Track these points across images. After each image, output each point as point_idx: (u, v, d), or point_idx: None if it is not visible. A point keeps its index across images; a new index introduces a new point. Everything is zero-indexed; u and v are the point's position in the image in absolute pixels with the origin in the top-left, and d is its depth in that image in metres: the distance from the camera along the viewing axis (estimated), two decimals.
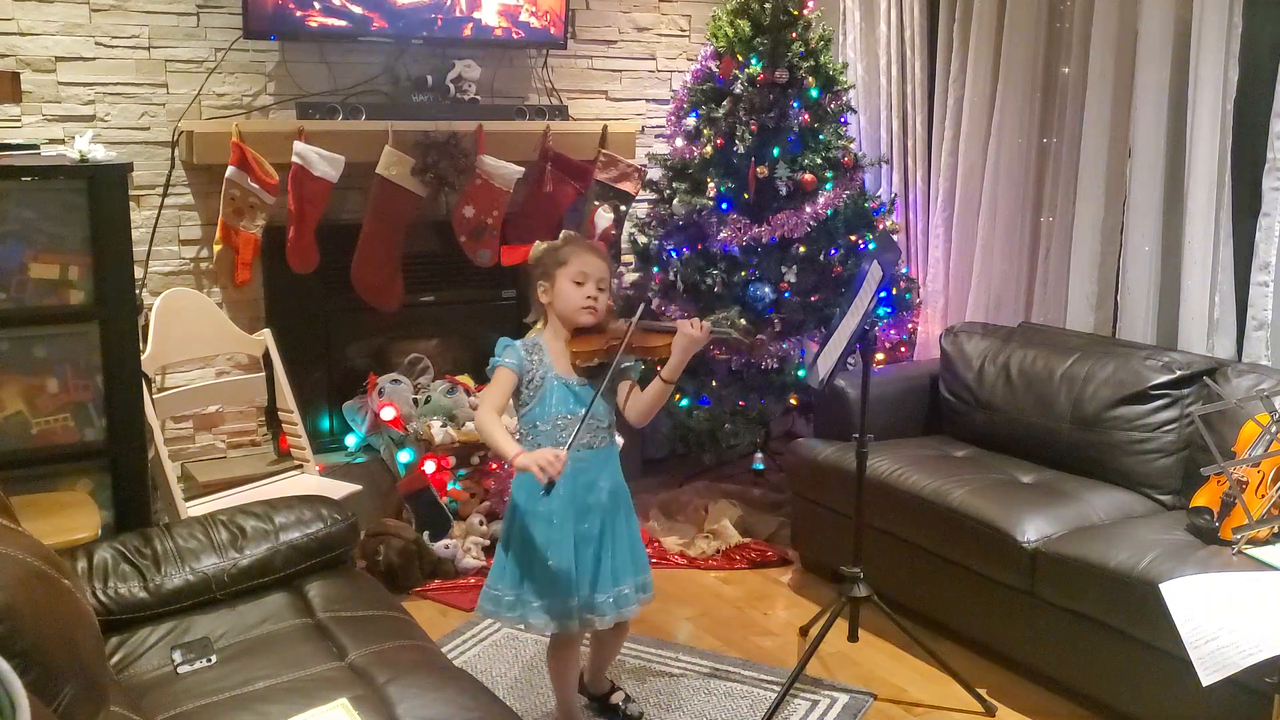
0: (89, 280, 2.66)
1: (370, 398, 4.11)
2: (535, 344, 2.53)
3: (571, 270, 2.49)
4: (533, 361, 2.50)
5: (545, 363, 2.50)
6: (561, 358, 2.51)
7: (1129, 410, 3.22)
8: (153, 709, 1.93)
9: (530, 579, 2.50)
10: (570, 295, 2.50)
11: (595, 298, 2.50)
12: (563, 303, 2.51)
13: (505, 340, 2.55)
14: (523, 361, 2.50)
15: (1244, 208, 3.38)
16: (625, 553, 2.56)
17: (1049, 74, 3.97)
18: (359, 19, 4.05)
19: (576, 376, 2.51)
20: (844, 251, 4.09)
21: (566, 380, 2.50)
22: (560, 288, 2.51)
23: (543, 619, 2.50)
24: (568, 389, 2.49)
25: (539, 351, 2.52)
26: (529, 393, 2.50)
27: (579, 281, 2.49)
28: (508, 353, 2.51)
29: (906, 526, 3.26)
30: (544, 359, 2.51)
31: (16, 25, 3.64)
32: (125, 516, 2.76)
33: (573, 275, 2.49)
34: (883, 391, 3.53)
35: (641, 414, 2.54)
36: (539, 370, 2.50)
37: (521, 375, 2.50)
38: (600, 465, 2.53)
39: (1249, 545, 2.62)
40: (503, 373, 2.50)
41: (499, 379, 2.50)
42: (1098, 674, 2.78)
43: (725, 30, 4.10)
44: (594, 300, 2.50)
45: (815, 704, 2.92)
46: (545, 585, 2.49)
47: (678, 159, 4.21)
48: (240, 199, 3.86)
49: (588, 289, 2.49)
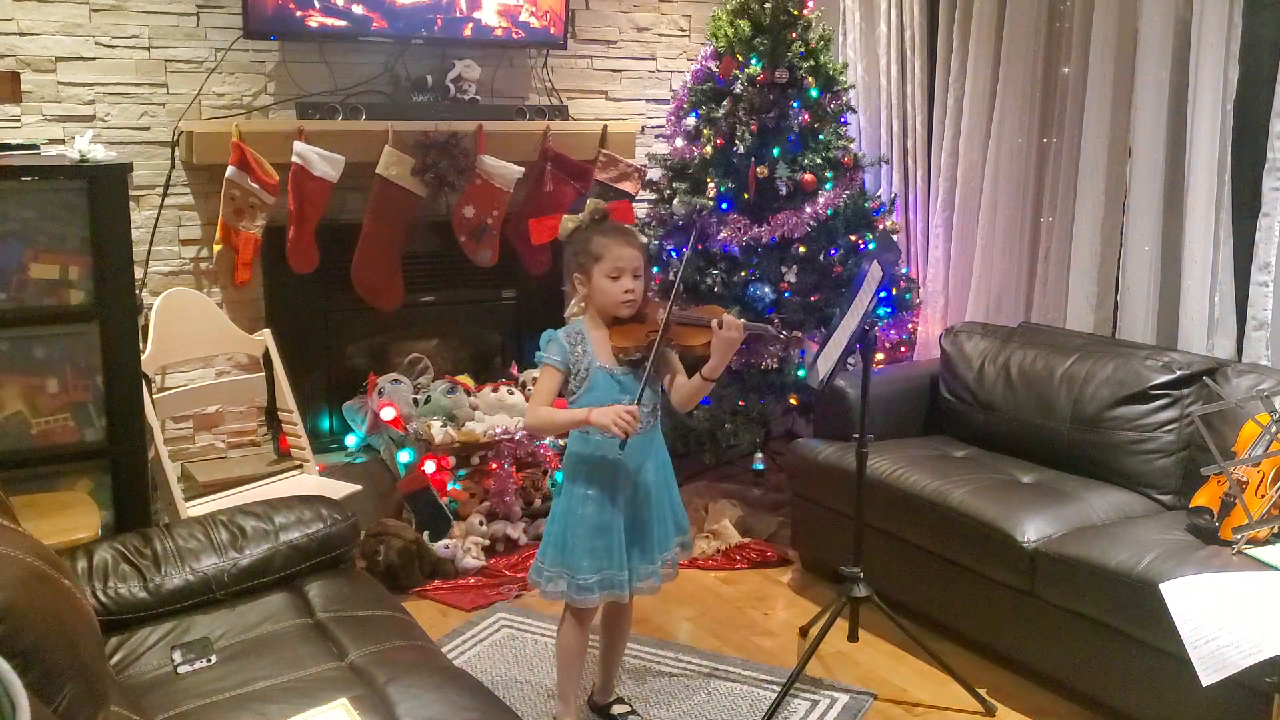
0: (89, 280, 2.66)
1: (370, 398, 4.11)
2: (579, 333, 2.53)
3: (606, 265, 2.46)
4: (577, 353, 2.50)
5: (590, 352, 2.50)
6: (604, 346, 2.51)
7: (1129, 410, 3.22)
8: (153, 709, 1.93)
9: (581, 555, 2.53)
10: (608, 290, 2.47)
11: (633, 289, 2.47)
12: (601, 297, 2.49)
13: (549, 333, 2.54)
14: (567, 355, 2.50)
15: (1244, 208, 3.38)
16: (669, 522, 2.64)
17: (1049, 74, 3.97)
18: (359, 19, 4.05)
19: (619, 365, 2.51)
20: (844, 251, 4.09)
21: (611, 370, 2.50)
22: (597, 283, 2.48)
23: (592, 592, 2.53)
24: (613, 378, 2.50)
25: (583, 342, 2.51)
26: (575, 383, 2.51)
27: (614, 276, 2.46)
28: (552, 348, 2.51)
29: (906, 526, 3.26)
30: (588, 349, 2.51)
31: (16, 25, 3.65)
32: (125, 516, 2.76)
33: (608, 270, 2.47)
34: (883, 391, 3.53)
35: (683, 402, 2.57)
36: (584, 361, 2.50)
37: (568, 368, 2.50)
38: (646, 448, 2.56)
39: (1249, 545, 2.62)
40: (549, 372, 2.51)
41: (546, 378, 2.52)
42: (1098, 674, 2.78)
43: (725, 30, 4.10)
44: (632, 293, 2.47)
45: (815, 704, 2.92)
46: (595, 561, 2.52)
47: (678, 159, 4.21)
48: (240, 199, 3.86)
49: (624, 282, 2.46)
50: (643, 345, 2.47)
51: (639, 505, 2.57)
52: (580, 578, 2.53)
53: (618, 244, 2.48)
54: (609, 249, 2.47)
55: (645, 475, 2.57)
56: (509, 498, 3.87)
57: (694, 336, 2.48)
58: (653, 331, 2.47)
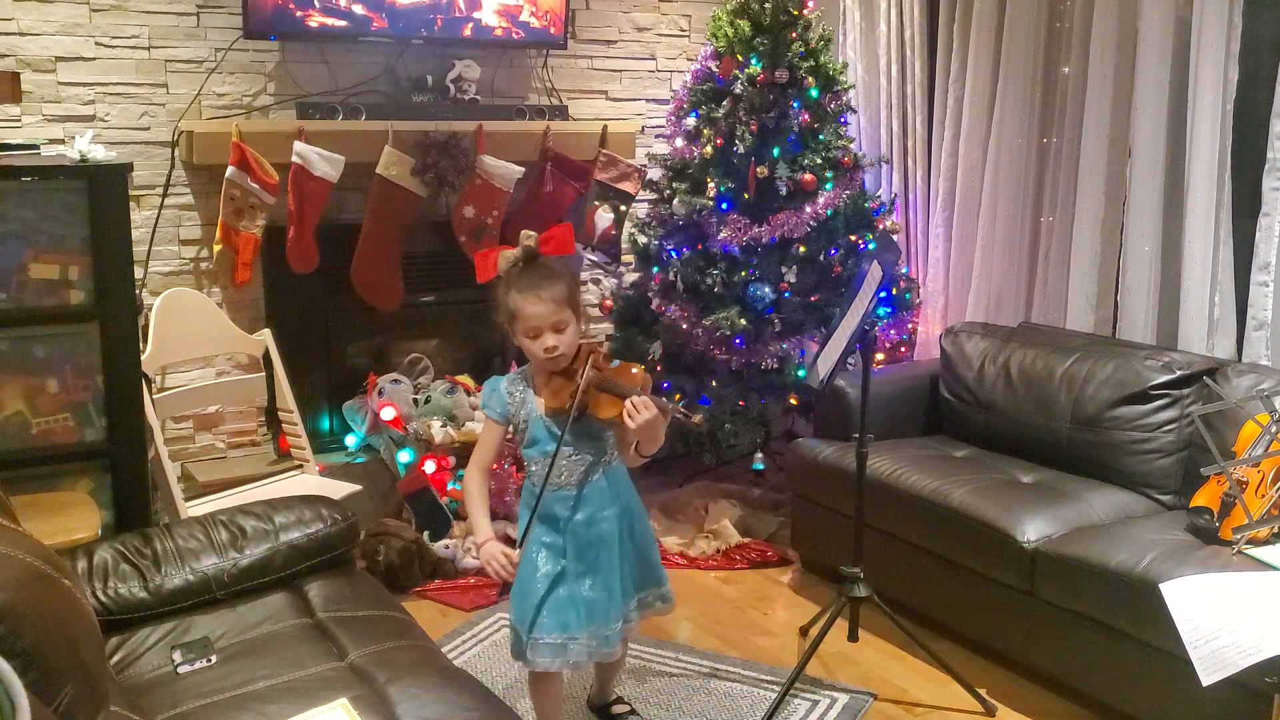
0: (89, 280, 2.66)
1: (370, 398, 4.11)
2: (522, 378, 2.45)
3: (523, 325, 2.33)
4: (515, 402, 2.42)
5: (529, 402, 2.41)
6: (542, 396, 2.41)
7: (1129, 410, 3.22)
8: (153, 709, 1.93)
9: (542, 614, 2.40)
10: (530, 349, 2.36)
11: (554, 345, 2.32)
12: (527, 353, 2.38)
13: (493, 382, 2.47)
14: (507, 408, 2.43)
15: (1244, 208, 3.38)
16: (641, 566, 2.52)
17: (1049, 74, 3.97)
18: (359, 19, 4.05)
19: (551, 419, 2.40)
20: (844, 251, 4.09)
21: (546, 422, 2.40)
22: (519, 340, 2.38)
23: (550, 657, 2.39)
24: (549, 431, 2.40)
25: (524, 390, 2.43)
26: (519, 431, 2.44)
27: (533, 335, 2.33)
28: (493, 400, 2.44)
29: (906, 526, 3.26)
30: (528, 399, 2.42)
31: (16, 25, 3.65)
32: (125, 516, 2.76)
33: (524, 330, 2.34)
34: (883, 391, 3.53)
35: (628, 463, 2.49)
36: (523, 412, 2.42)
37: (508, 422, 2.44)
38: (601, 497, 2.43)
39: (1249, 545, 2.62)
40: (490, 426, 2.46)
41: (487, 433, 2.47)
42: (1098, 674, 2.78)
43: (725, 30, 4.10)
44: (553, 350, 2.32)
45: (815, 704, 2.92)
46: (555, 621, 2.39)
47: (678, 159, 4.21)
48: (240, 199, 3.86)
49: (545, 340, 2.32)
50: (566, 408, 2.34)
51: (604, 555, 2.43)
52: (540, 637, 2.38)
53: (530, 302, 2.31)
54: (521, 308, 2.32)
55: (598, 527, 2.42)
56: (509, 498, 3.87)
57: (610, 408, 2.32)
58: (574, 393, 2.33)
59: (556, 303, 2.32)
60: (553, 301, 2.32)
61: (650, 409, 2.27)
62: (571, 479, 2.41)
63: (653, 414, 2.27)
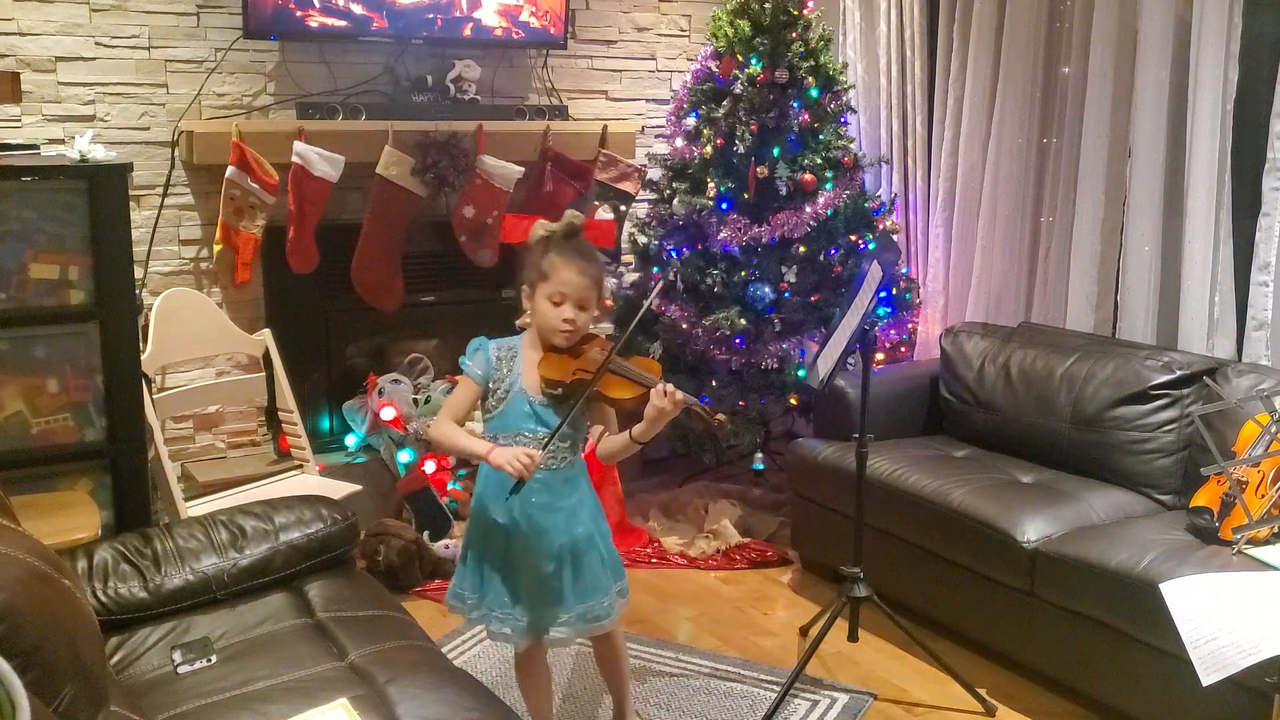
0: (89, 280, 2.66)
1: (370, 398, 4.11)
2: (511, 348, 2.37)
3: (550, 287, 2.28)
4: (501, 371, 2.34)
5: (515, 372, 2.33)
6: (532, 371, 2.33)
7: (1129, 410, 3.22)
8: (153, 709, 1.93)
9: (492, 588, 2.38)
10: (546, 315, 2.29)
11: (572, 320, 2.28)
12: (539, 320, 2.32)
13: (477, 341, 2.39)
14: (489, 370, 2.34)
15: (1244, 207, 3.38)
16: (594, 568, 2.39)
17: (1049, 74, 3.97)
18: (359, 19, 4.05)
19: (540, 396, 2.32)
20: (844, 251, 4.09)
21: (530, 398, 2.31)
22: (538, 303, 2.31)
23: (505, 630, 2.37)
24: (530, 407, 2.31)
25: (512, 359, 2.35)
26: (493, 401, 2.35)
27: (556, 301, 2.28)
28: (477, 358, 2.35)
29: (906, 526, 3.26)
30: (514, 368, 2.34)
31: (16, 25, 3.64)
32: (125, 516, 2.76)
33: (550, 293, 2.28)
34: (883, 391, 3.53)
35: (607, 456, 2.38)
36: (506, 380, 2.33)
37: (486, 384, 2.35)
38: (558, 488, 2.35)
39: (1249, 545, 2.62)
40: (466, 384, 2.36)
41: (461, 390, 2.37)
42: (1098, 674, 2.78)
43: (725, 30, 4.10)
44: (570, 323, 2.28)
45: (815, 704, 2.91)
46: (506, 597, 2.37)
47: (678, 159, 4.21)
48: (240, 199, 3.86)
49: (564, 310, 2.27)
50: (567, 383, 2.28)
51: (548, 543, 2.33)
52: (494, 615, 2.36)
53: (568, 268, 2.27)
54: (557, 271, 2.28)
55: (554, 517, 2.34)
56: None
57: (623, 390, 2.28)
58: (583, 370, 2.28)
59: (591, 280, 2.30)
60: (589, 277, 2.30)
61: (679, 396, 2.23)
62: (553, 461, 2.33)
63: (680, 400, 2.23)
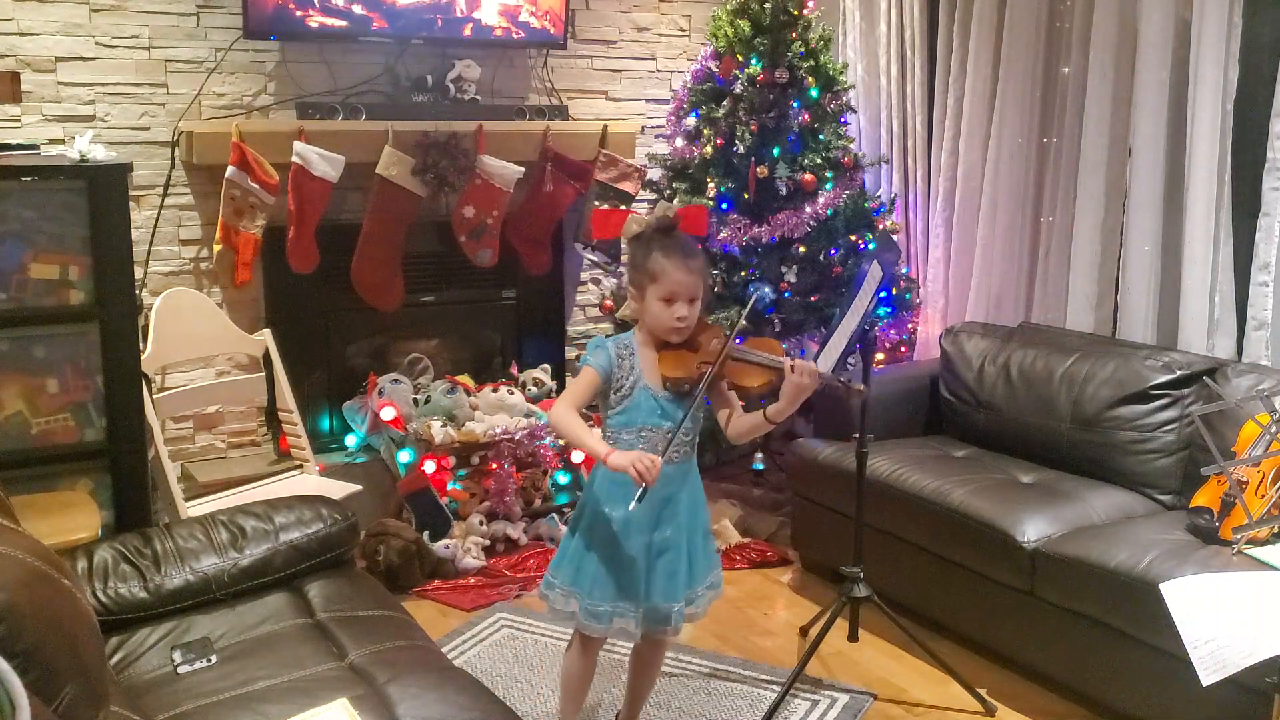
0: (89, 280, 2.66)
1: (370, 398, 4.11)
2: (628, 345, 2.40)
3: (661, 289, 2.31)
4: (624, 368, 2.37)
5: (636, 370, 2.37)
6: (652, 369, 2.37)
7: (1129, 410, 3.22)
8: (153, 709, 1.93)
9: (596, 579, 2.40)
10: (659, 315, 2.33)
11: (685, 317, 2.33)
12: (651, 319, 2.36)
13: (597, 340, 2.42)
14: (612, 365, 2.37)
15: (1244, 208, 3.38)
16: (700, 560, 2.47)
17: (1049, 74, 3.97)
18: (359, 19, 4.05)
19: (665, 390, 2.37)
20: (844, 251, 4.09)
21: (655, 393, 2.37)
22: (649, 304, 2.35)
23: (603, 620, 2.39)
24: (656, 402, 2.36)
25: (631, 357, 2.38)
26: (617, 399, 2.38)
27: (668, 300, 2.32)
28: (597, 353, 2.38)
29: (906, 526, 3.26)
30: (635, 365, 2.38)
31: (16, 25, 3.65)
32: (125, 516, 2.76)
33: (662, 294, 2.32)
34: (883, 391, 3.53)
35: (738, 437, 2.47)
36: (629, 378, 2.37)
37: (609, 379, 2.37)
38: (681, 480, 2.43)
39: (1249, 545, 2.62)
40: (588, 373, 2.37)
41: (583, 378, 2.38)
42: (1098, 674, 2.78)
43: (725, 30, 4.10)
44: (683, 320, 2.33)
45: (815, 704, 2.92)
46: (610, 588, 2.39)
47: (678, 159, 4.21)
48: (240, 199, 3.86)
49: (677, 308, 2.32)
50: (693, 377, 2.33)
51: (665, 539, 2.40)
52: (591, 603, 2.39)
53: (676, 268, 2.31)
54: (666, 272, 2.31)
55: (674, 508, 2.42)
56: (509, 498, 3.87)
57: (753, 376, 2.34)
58: (705, 363, 2.33)
59: (697, 274, 2.34)
60: (695, 272, 2.34)
61: (816, 369, 2.29)
62: (677, 455, 2.39)
63: (818, 374, 2.29)
